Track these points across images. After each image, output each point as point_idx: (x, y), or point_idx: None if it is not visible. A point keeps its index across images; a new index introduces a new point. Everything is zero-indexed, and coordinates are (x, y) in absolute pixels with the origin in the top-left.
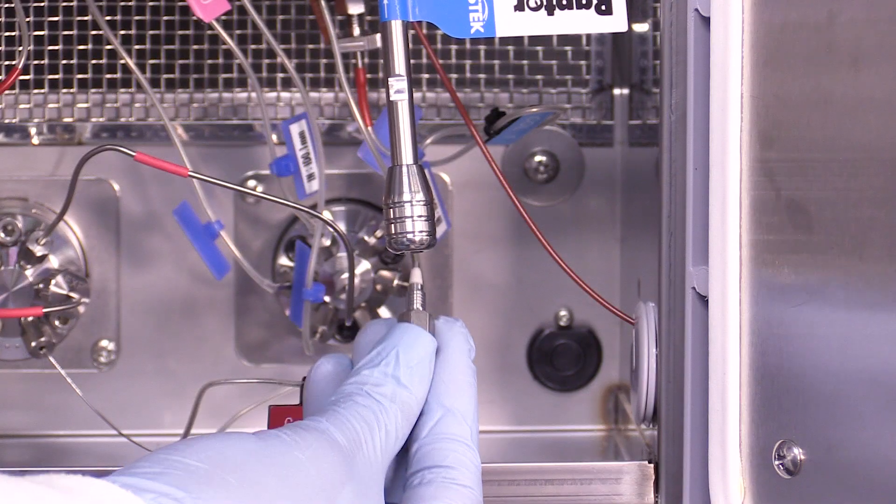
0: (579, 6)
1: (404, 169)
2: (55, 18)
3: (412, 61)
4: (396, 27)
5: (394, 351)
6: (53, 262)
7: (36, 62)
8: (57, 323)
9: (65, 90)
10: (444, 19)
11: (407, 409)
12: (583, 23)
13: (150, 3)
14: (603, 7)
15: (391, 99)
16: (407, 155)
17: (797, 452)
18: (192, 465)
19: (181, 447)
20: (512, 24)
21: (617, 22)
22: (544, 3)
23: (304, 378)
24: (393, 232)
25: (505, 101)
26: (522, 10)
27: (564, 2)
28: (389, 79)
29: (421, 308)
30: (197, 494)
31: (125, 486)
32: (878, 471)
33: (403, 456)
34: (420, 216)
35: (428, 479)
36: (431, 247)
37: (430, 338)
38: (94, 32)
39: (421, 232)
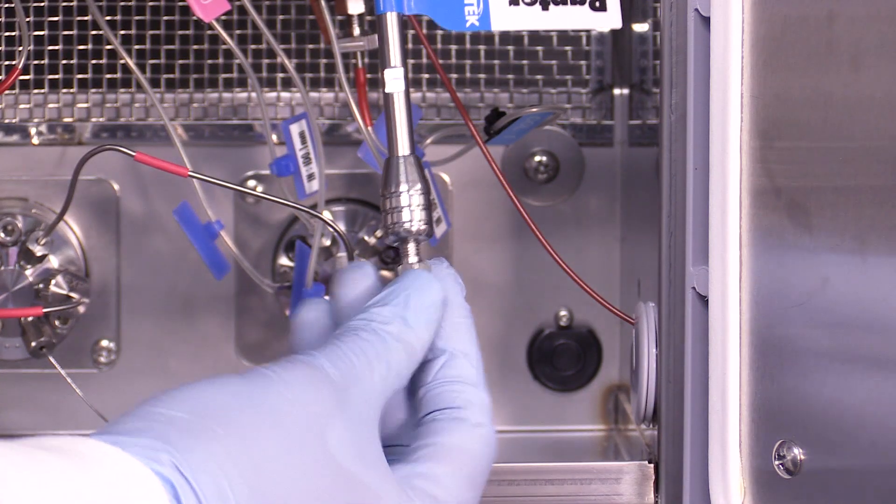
0: (574, 2)
1: (401, 160)
2: (55, 18)
3: (412, 61)
4: (392, 19)
5: (405, 293)
6: (53, 262)
7: (36, 62)
8: (57, 323)
9: (65, 90)
10: (439, 12)
11: (411, 350)
12: (577, 19)
13: (150, 3)
14: (597, 3)
15: (387, 91)
16: (403, 146)
17: (797, 452)
18: (175, 416)
19: (164, 398)
20: (507, 18)
21: (611, 18)
22: None
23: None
24: (390, 222)
25: (505, 101)
26: (517, 4)
27: None
28: (385, 70)
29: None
30: (180, 447)
31: (109, 441)
32: (877, 471)
33: (412, 402)
34: (418, 205)
35: (438, 419)
36: (429, 237)
37: (440, 286)
38: (94, 32)
39: (419, 221)
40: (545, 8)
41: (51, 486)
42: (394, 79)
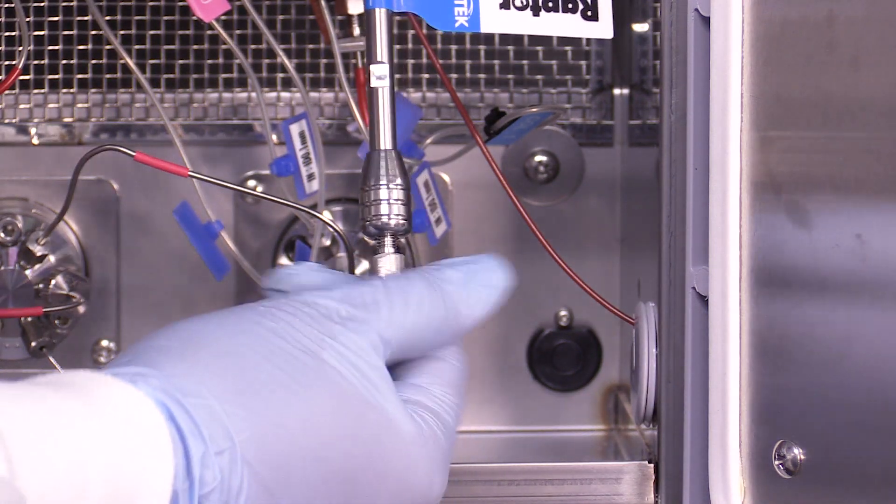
0: (565, 10)
1: (382, 154)
2: (55, 18)
3: (412, 61)
4: (381, 15)
5: (474, 266)
6: (53, 262)
7: (36, 62)
8: (57, 323)
9: (65, 90)
10: (429, 11)
11: (456, 317)
12: (568, 26)
13: (150, 3)
14: (589, 13)
15: (372, 85)
16: (386, 140)
17: (797, 452)
18: (164, 345)
19: (156, 333)
20: (496, 21)
21: (602, 29)
22: (530, 3)
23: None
24: (368, 215)
25: (505, 101)
26: (508, 8)
27: (550, 4)
28: (371, 66)
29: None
30: (167, 370)
31: (103, 372)
32: (877, 471)
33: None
34: (397, 200)
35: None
36: (407, 232)
37: (506, 277)
38: (94, 32)
39: (397, 216)
40: (536, 14)
41: (46, 412)
42: (379, 74)
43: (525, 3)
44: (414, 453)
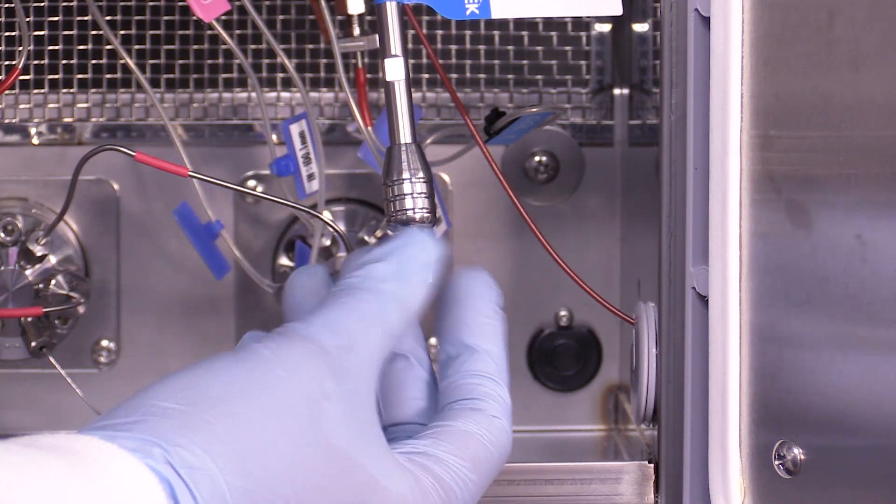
0: None
1: (403, 147)
2: (55, 18)
3: (412, 61)
4: (392, 8)
5: (401, 249)
6: (53, 262)
7: (36, 62)
8: (57, 323)
9: (65, 90)
10: (439, 0)
11: (406, 308)
12: (578, 5)
13: (150, 3)
14: None
15: (388, 80)
16: (405, 134)
17: (797, 452)
18: (168, 407)
19: (157, 388)
20: (507, 5)
21: (612, 5)
22: None
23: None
24: (393, 210)
25: (505, 101)
26: None
27: None
28: (385, 60)
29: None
30: (173, 442)
31: (105, 438)
32: (877, 471)
33: (435, 395)
34: (420, 193)
35: (455, 408)
36: (432, 225)
37: (437, 245)
38: (94, 32)
39: (422, 209)
40: None
41: (47, 485)
42: (394, 68)
43: None
44: None
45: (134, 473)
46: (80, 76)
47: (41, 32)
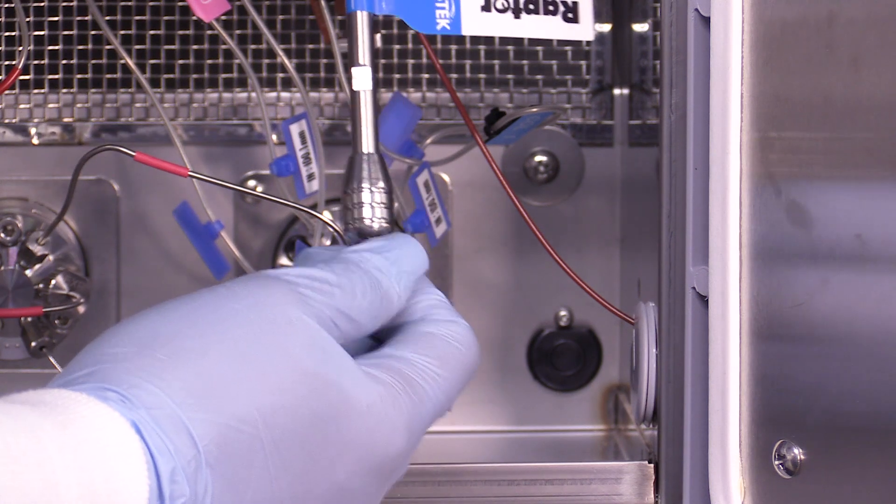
0: (546, 12)
1: (364, 157)
2: (55, 18)
3: (412, 61)
4: (363, 18)
5: (397, 251)
6: (53, 262)
7: (36, 62)
8: (57, 323)
9: (65, 90)
10: (411, 14)
11: (389, 303)
12: (549, 29)
13: (150, 3)
14: (570, 15)
15: (354, 89)
16: (368, 144)
17: (797, 452)
18: (121, 352)
19: (109, 336)
20: (478, 23)
21: (583, 31)
22: (511, 5)
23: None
24: (350, 218)
25: (505, 101)
26: (489, 10)
27: (531, 6)
28: (353, 68)
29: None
30: (129, 384)
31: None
32: (877, 471)
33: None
34: (379, 203)
35: (413, 321)
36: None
37: (426, 258)
38: (94, 32)
39: (380, 219)
40: (517, 16)
41: (25, 433)
42: (361, 77)
43: (506, 5)
44: (371, 422)
45: (105, 419)
46: (80, 76)
47: (41, 32)
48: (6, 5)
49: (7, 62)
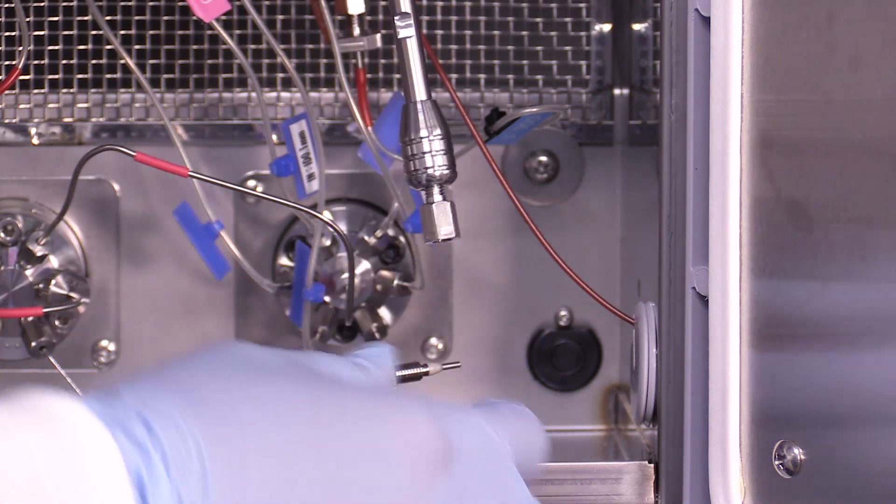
0: None
1: (419, 105)
2: (55, 18)
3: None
4: None
5: (512, 431)
6: (53, 262)
7: (36, 62)
8: (57, 323)
9: (65, 90)
10: None
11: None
12: None
13: (150, 3)
14: None
15: (400, 37)
16: (420, 91)
17: (797, 452)
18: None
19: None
20: None
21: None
22: None
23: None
24: (412, 168)
25: (505, 101)
26: None
27: None
28: (396, 18)
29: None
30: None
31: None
32: (878, 471)
33: None
34: (439, 150)
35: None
36: (452, 181)
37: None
38: (94, 32)
39: (441, 166)
40: None
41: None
42: (404, 25)
43: None
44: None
45: (82, 416)
46: (80, 76)
47: (41, 32)
48: (6, 5)
49: (7, 62)
